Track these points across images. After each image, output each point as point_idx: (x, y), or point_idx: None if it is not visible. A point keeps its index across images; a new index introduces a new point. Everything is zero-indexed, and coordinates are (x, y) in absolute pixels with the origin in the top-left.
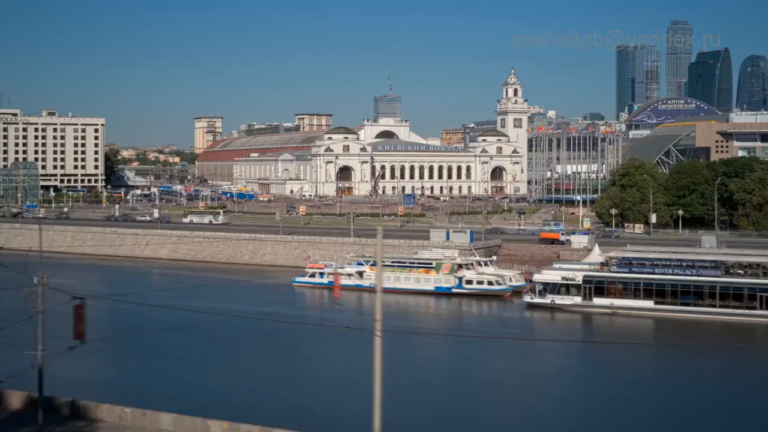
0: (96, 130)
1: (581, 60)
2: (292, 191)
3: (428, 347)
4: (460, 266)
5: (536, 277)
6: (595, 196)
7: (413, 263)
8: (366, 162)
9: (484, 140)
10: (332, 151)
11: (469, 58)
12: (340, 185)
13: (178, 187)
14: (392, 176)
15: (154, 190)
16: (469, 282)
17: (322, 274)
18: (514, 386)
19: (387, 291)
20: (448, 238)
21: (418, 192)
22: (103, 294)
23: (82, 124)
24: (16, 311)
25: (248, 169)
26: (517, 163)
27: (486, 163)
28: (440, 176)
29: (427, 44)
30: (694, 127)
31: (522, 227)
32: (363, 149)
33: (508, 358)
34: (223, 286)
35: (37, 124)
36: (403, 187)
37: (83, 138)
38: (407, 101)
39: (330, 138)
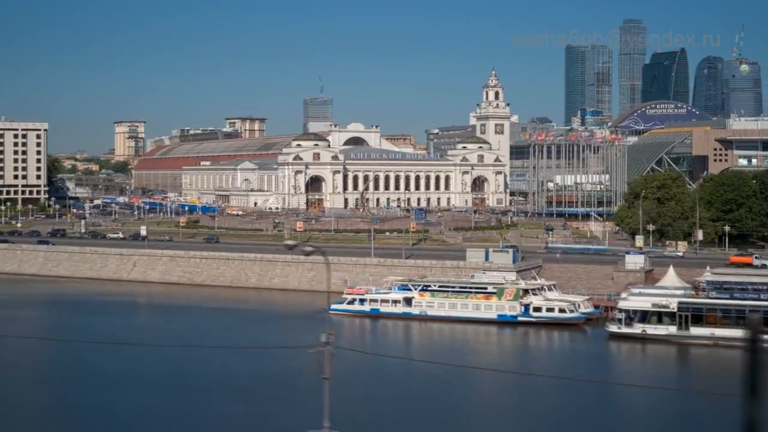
0: (38, 136)
1: (530, 60)
2: (256, 203)
3: (507, 388)
4: (525, 291)
5: (622, 304)
6: (602, 209)
7: (470, 288)
8: (338, 172)
9: (464, 147)
10: (302, 159)
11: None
12: (309, 197)
13: (122, 199)
14: (366, 187)
15: (97, 202)
16: (538, 309)
17: (362, 301)
18: None
19: (440, 320)
20: (487, 258)
21: (395, 204)
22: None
23: (23, 130)
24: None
25: (200, 179)
26: (500, 173)
27: (467, 173)
28: (417, 187)
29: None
30: (688, 134)
31: (552, 244)
32: (335, 157)
33: (628, 406)
34: (250, 320)
35: None
36: (378, 199)
37: (24, 145)
38: (353, 104)
39: (299, 145)
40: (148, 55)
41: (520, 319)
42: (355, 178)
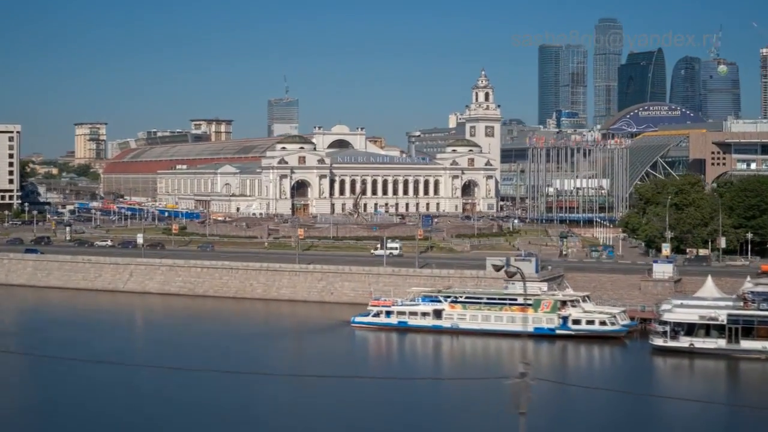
0: (11, 139)
1: (502, 60)
2: (238, 209)
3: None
4: (563, 303)
5: (666, 316)
6: (604, 215)
7: (503, 299)
8: (325, 176)
9: (453, 151)
10: (287, 163)
11: (394, 61)
12: (295, 202)
13: (95, 204)
14: (352, 192)
15: (70, 207)
16: (577, 322)
17: (389, 313)
18: None
19: (471, 333)
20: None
21: (382, 209)
22: None
23: None
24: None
25: (177, 184)
26: (491, 177)
27: (457, 177)
28: (405, 191)
29: (332, 46)
30: (683, 137)
31: (568, 252)
32: (321, 161)
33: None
34: (274, 336)
35: None
36: (366, 204)
37: None
38: (320, 105)
39: (284, 148)
40: (108, 56)
41: (558, 332)
42: (342, 182)
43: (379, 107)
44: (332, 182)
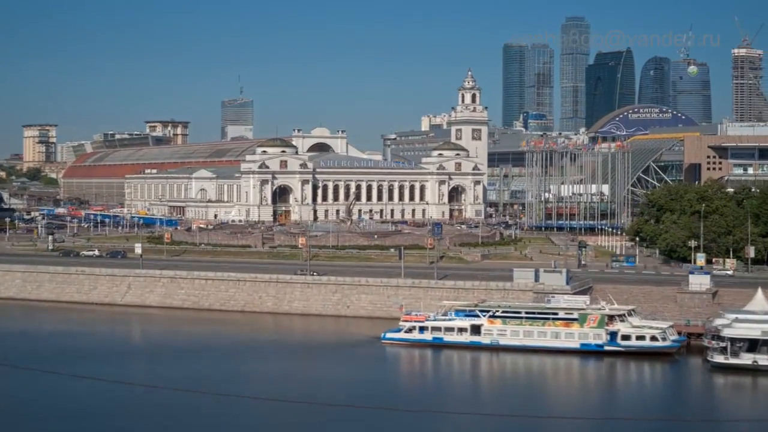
0: None
1: (465, 61)
2: (216, 215)
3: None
4: (611, 317)
5: (727, 332)
6: (605, 222)
7: (545, 314)
8: (307, 181)
9: (440, 155)
10: (268, 167)
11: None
12: (275, 208)
13: (60, 210)
14: (335, 198)
15: (34, 214)
16: (626, 337)
17: (422, 329)
18: None
19: (512, 350)
20: (537, 279)
21: (366, 216)
22: None
23: None
24: None
25: (147, 189)
26: (479, 182)
27: (444, 182)
28: (390, 197)
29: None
30: (675, 141)
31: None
32: (303, 165)
33: None
34: (302, 355)
35: None
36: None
37: None
38: (276, 107)
39: (265, 152)
40: (56, 56)
41: (606, 348)
42: (325, 188)
43: (342, 109)
44: (315, 188)
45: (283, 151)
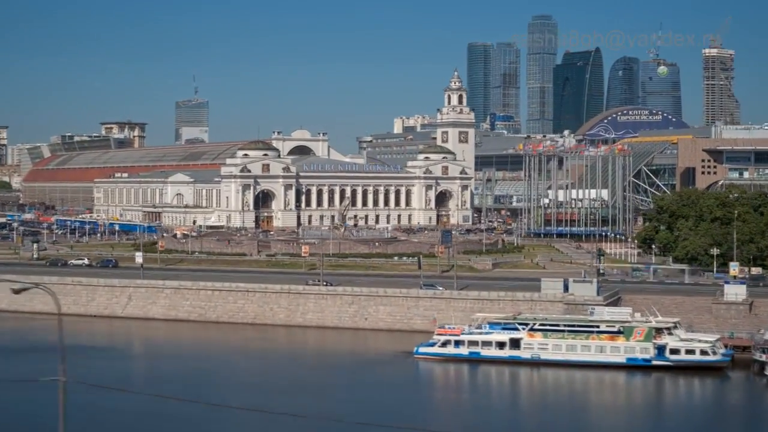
0: None
1: (428, 60)
2: (195, 221)
3: None
4: (658, 330)
5: None
6: (607, 228)
7: (587, 327)
8: (291, 186)
9: (426, 158)
10: (250, 171)
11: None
12: (258, 214)
13: (27, 216)
14: (319, 203)
15: (3, 220)
16: (675, 351)
17: (458, 343)
18: None
19: (552, 364)
20: (566, 289)
21: (350, 222)
22: None
23: None
24: None
25: (118, 194)
26: (467, 187)
27: (431, 187)
28: (375, 203)
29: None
30: (668, 144)
31: (603, 269)
32: (286, 169)
33: None
34: (333, 371)
35: None
36: (333, 216)
37: None
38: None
39: (246, 155)
40: (5, 56)
41: (654, 362)
42: (308, 192)
43: (299, 111)
44: (298, 193)
45: (266, 154)
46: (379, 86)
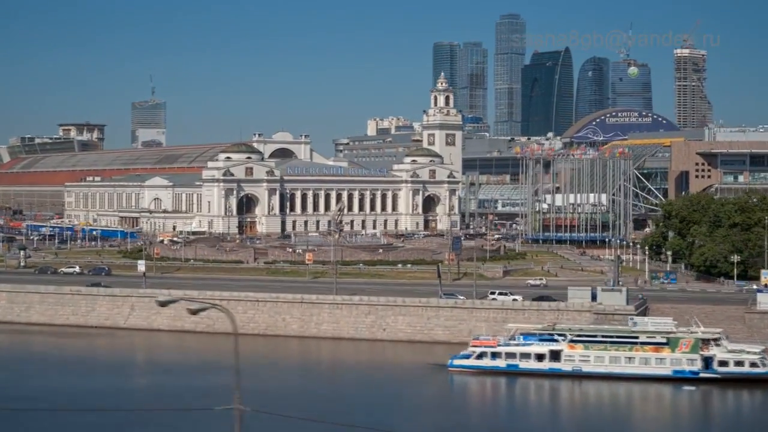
0: None
1: (392, 60)
2: (175, 227)
3: None
4: (705, 342)
5: None
6: (607, 234)
7: (633, 338)
8: (275, 190)
9: (413, 161)
10: (233, 175)
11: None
12: (241, 219)
13: None
14: (303, 208)
15: None
16: (724, 363)
17: (495, 355)
18: None
19: (593, 377)
20: (594, 299)
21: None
22: None
23: None
24: None
25: (90, 198)
26: (454, 191)
27: (418, 191)
28: (361, 207)
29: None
30: (659, 146)
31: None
32: (270, 173)
33: None
34: (366, 385)
35: None
36: (318, 222)
37: None
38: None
39: (228, 158)
40: None
41: (702, 375)
42: (292, 197)
43: (260, 111)
44: (282, 197)
45: (249, 158)
46: (346, 87)
